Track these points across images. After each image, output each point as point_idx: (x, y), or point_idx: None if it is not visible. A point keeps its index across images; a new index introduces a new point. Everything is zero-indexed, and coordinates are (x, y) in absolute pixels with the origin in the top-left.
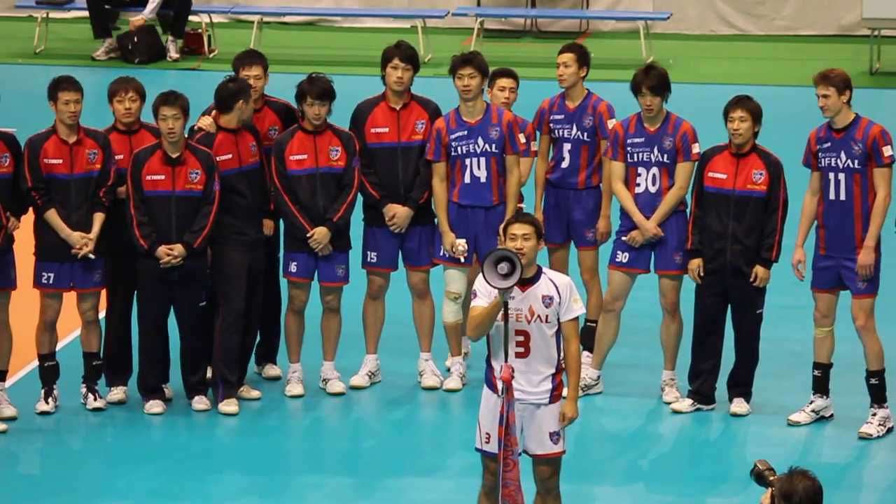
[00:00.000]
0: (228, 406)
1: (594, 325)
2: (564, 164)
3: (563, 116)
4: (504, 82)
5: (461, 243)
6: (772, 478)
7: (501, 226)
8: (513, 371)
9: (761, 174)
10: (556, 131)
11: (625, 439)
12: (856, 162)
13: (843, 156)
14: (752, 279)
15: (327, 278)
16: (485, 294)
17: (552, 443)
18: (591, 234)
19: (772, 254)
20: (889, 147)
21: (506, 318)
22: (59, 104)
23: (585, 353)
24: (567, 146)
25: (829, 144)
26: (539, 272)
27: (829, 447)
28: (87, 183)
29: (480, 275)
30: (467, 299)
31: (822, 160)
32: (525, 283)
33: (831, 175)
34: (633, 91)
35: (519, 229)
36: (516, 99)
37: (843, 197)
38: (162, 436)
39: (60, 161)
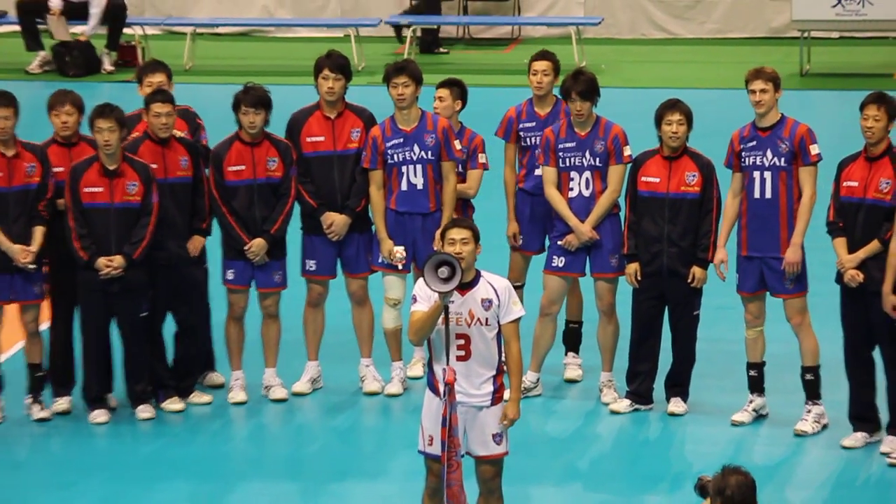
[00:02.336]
0: (173, 404)
1: (577, 325)
2: (538, 172)
3: (534, 124)
4: (441, 92)
5: (399, 250)
6: (706, 483)
7: (438, 231)
8: (455, 374)
9: (694, 176)
10: (526, 139)
11: (564, 440)
12: (782, 160)
13: (769, 154)
14: (689, 280)
15: (264, 284)
16: (425, 298)
17: (495, 444)
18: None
19: (708, 254)
20: (815, 146)
21: (446, 321)
22: None
23: (571, 355)
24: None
25: (754, 143)
26: (477, 276)
27: (766, 445)
28: (25, 196)
29: (420, 279)
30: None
31: (746, 159)
32: (464, 287)
33: (756, 174)
34: (563, 96)
35: (457, 234)
36: (461, 109)
37: (768, 195)
38: (107, 444)
39: None
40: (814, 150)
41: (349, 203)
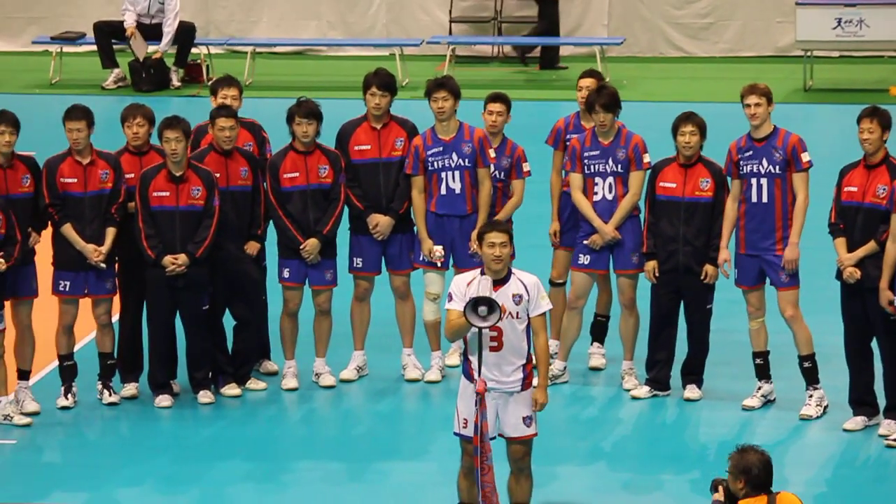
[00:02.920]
0: (231, 389)
1: (605, 319)
2: None
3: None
4: (493, 106)
5: (438, 249)
6: (720, 482)
7: (475, 233)
8: (486, 385)
9: (707, 182)
10: None
11: (589, 423)
12: (777, 167)
13: (764, 162)
14: (702, 277)
15: (318, 282)
16: (460, 297)
17: (525, 426)
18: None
19: (719, 253)
20: (806, 153)
21: (480, 341)
22: (66, 132)
23: (596, 345)
24: None
25: (750, 153)
26: (509, 273)
27: (773, 427)
28: (100, 200)
29: (456, 278)
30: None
31: (744, 167)
32: (498, 283)
33: (753, 180)
34: (588, 109)
35: (497, 237)
36: (507, 122)
37: (765, 199)
38: (171, 427)
39: (75, 180)
40: (805, 157)
41: (393, 205)
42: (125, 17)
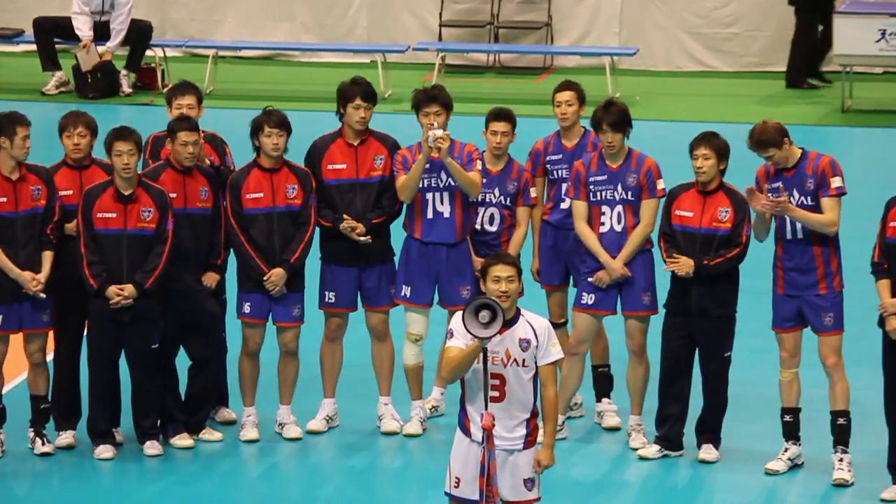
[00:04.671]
0: (183, 440)
1: (606, 369)
2: (564, 205)
3: (560, 156)
4: (497, 125)
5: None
6: None
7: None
8: (494, 420)
9: (727, 212)
10: (553, 172)
11: (590, 486)
12: (809, 198)
13: (795, 194)
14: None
15: (282, 318)
16: (461, 334)
17: (526, 489)
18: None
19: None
20: (837, 178)
21: (485, 363)
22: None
23: (606, 401)
24: (566, 186)
25: (779, 183)
26: (517, 314)
27: (801, 496)
28: (33, 220)
29: (458, 314)
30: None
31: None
32: (503, 326)
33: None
34: (594, 127)
35: (503, 271)
36: (512, 142)
37: (800, 235)
38: (113, 482)
39: (5, 199)
40: (834, 182)
41: (368, 216)
42: (76, 21)
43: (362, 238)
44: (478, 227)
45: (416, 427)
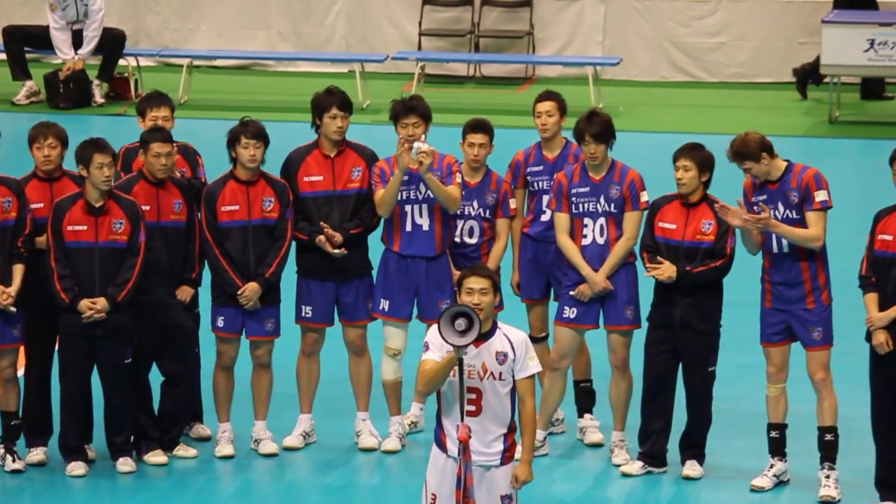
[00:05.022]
0: (156, 457)
1: (588, 384)
2: (545, 218)
3: (541, 168)
4: (475, 137)
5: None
6: None
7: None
8: (470, 431)
9: (710, 225)
10: (534, 184)
11: (572, 503)
12: (794, 212)
13: (780, 207)
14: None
15: (256, 333)
16: (437, 347)
17: None
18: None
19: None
20: (822, 192)
21: (460, 374)
22: None
23: (588, 416)
24: (547, 198)
25: (764, 196)
26: (494, 327)
27: None
28: (3, 233)
29: (433, 327)
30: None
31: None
32: (479, 339)
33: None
34: (577, 139)
35: (476, 283)
36: (489, 153)
37: (786, 249)
38: (84, 500)
39: None
40: (819, 196)
41: (345, 225)
42: (56, 39)
43: (337, 251)
44: (457, 239)
45: (394, 443)
